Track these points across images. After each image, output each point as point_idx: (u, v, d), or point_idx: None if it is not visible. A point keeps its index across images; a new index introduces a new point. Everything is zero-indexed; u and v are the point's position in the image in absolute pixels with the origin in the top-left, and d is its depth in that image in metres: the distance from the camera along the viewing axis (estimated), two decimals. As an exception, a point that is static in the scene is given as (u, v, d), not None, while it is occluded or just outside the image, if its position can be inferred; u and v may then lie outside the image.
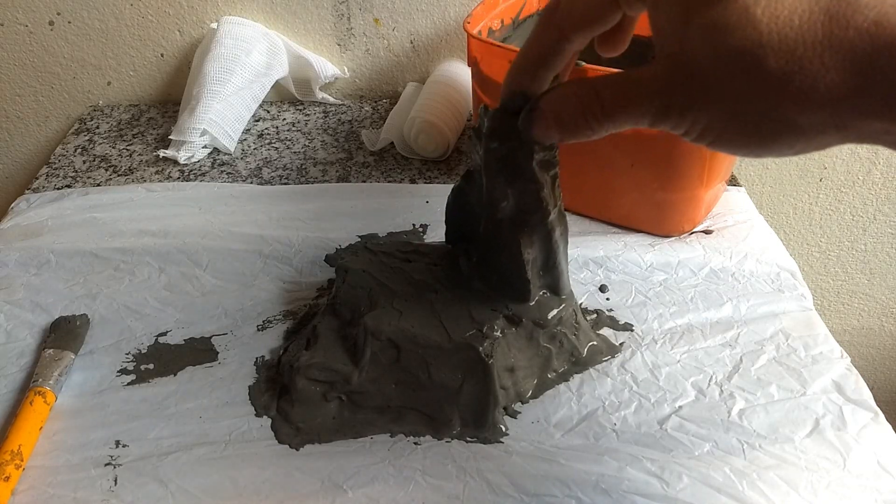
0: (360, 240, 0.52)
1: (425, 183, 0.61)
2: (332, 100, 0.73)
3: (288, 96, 0.75)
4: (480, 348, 0.38)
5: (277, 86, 0.73)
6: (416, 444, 0.38)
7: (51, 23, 0.72)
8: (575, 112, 0.31)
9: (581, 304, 0.44)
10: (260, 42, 0.70)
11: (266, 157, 0.65)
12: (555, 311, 0.41)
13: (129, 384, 0.42)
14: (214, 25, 0.70)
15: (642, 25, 0.65)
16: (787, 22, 0.25)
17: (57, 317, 0.45)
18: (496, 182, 0.38)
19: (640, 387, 0.41)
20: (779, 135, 0.27)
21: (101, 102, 0.77)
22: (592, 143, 0.45)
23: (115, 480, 0.36)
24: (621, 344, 0.44)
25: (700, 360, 0.43)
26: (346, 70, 0.75)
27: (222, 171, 0.63)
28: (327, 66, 0.73)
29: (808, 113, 0.25)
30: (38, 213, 0.56)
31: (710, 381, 0.41)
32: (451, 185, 0.43)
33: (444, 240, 0.44)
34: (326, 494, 0.35)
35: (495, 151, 0.37)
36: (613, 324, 0.46)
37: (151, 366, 0.43)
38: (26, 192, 0.60)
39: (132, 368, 0.43)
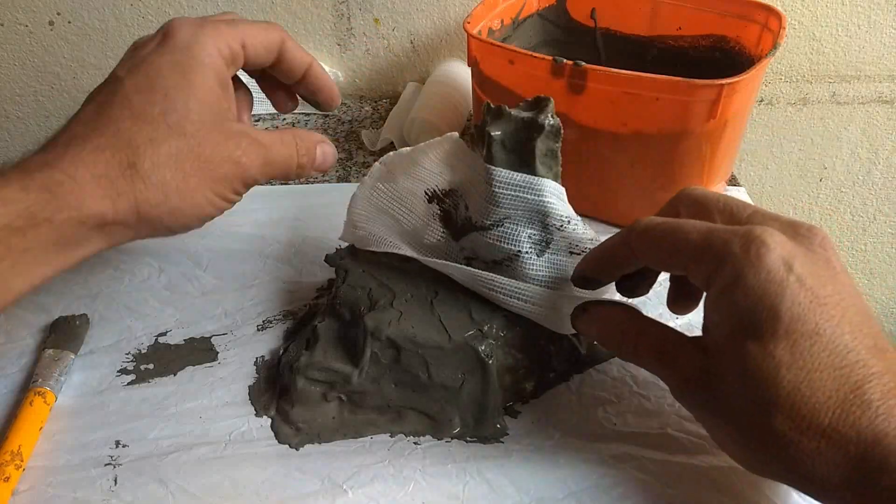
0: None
1: (425, 183, 0.61)
2: None
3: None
4: (480, 348, 0.38)
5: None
6: (416, 443, 0.38)
7: (51, 23, 0.72)
8: (612, 338, 0.35)
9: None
10: None
11: (266, 157, 0.65)
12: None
13: (129, 384, 0.42)
14: None
15: (642, 26, 0.65)
16: (805, 399, 0.27)
17: (57, 317, 0.45)
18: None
19: (640, 387, 0.41)
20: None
21: (101, 102, 0.77)
22: (592, 143, 0.45)
23: (115, 480, 0.36)
24: (621, 344, 0.44)
25: (700, 360, 0.43)
26: (339, 74, 0.75)
27: (222, 171, 0.63)
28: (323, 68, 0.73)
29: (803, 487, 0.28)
30: (38, 213, 0.56)
31: (710, 381, 0.41)
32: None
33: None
34: (326, 494, 0.35)
35: (498, 138, 0.38)
36: (613, 324, 0.46)
37: (151, 366, 0.43)
38: (26, 192, 0.60)
39: (132, 368, 0.43)
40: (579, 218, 0.40)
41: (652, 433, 0.39)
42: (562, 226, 0.39)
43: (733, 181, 0.60)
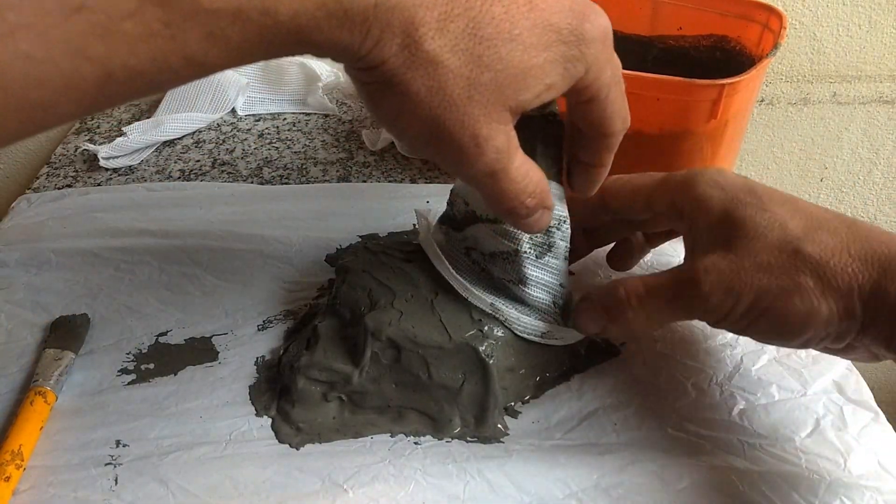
0: (360, 240, 0.52)
1: (426, 183, 0.61)
2: (329, 106, 0.73)
3: (289, 96, 0.75)
4: (481, 348, 0.38)
5: (280, 86, 0.73)
6: (416, 443, 0.38)
7: (51, 22, 0.72)
8: (619, 313, 0.37)
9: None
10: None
11: (266, 157, 0.65)
12: (555, 311, 0.41)
13: (129, 384, 0.42)
14: None
15: (643, 26, 0.65)
16: (822, 233, 0.32)
17: (57, 316, 0.45)
18: None
19: (640, 387, 0.41)
20: (804, 316, 0.32)
21: (101, 102, 0.77)
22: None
23: (116, 480, 0.36)
24: (622, 344, 0.44)
25: (700, 360, 0.43)
26: (339, 74, 0.75)
27: (223, 171, 0.63)
28: (323, 68, 0.73)
29: (828, 299, 0.31)
30: (39, 213, 0.56)
31: (710, 381, 0.41)
32: (452, 185, 0.43)
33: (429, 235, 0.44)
34: (327, 494, 0.35)
35: None
36: (614, 324, 0.46)
37: (152, 365, 0.43)
38: (27, 191, 0.60)
39: (132, 368, 0.43)
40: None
41: (652, 433, 0.39)
42: (559, 224, 0.39)
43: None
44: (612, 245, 0.46)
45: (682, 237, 0.39)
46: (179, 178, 0.62)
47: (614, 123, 0.34)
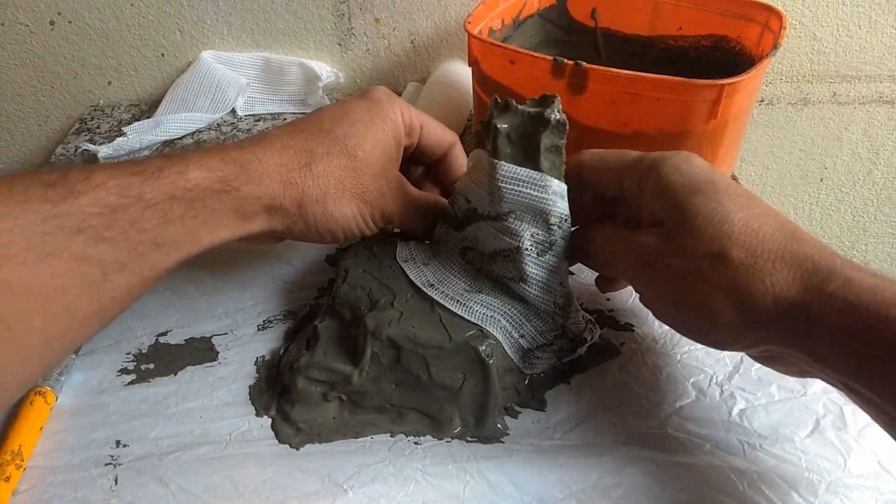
0: (360, 239, 0.52)
1: (426, 183, 0.61)
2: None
3: (289, 97, 0.75)
4: (481, 349, 0.38)
5: (280, 86, 0.74)
6: (416, 443, 0.38)
7: (51, 22, 0.72)
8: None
9: (581, 304, 0.44)
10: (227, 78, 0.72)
11: (266, 157, 0.65)
12: (555, 311, 0.41)
13: (129, 384, 0.42)
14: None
15: (643, 26, 0.65)
16: (755, 231, 0.32)
17: (57, 316, 0.45)
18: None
19: (640, 387, 0.41)
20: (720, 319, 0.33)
21: (101, 102, 0.77)
22: (593, 143, 0.45)
23: (116, 480, 0.36)
24: (622, 344, 0.44)
25: (700, 360, 0.43)
26: (340, 74, 0.75)
27: (223, 171, 0.63)
28: (323, 68, 0.73)
29: (734, 305, 0.32)
30: (39, 213, 0.56)
31: (710, 381, 0.41)
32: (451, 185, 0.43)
33: (436, 238, 0.44)
34: (327, 494, 0.35)
35: (504, 131, 0.38)
36: (614, 324, 0.46)
37: (152, 365, 0.43)
38: (27, 191, 0.60)
39: (132, 368, 0.43)
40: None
41: (652, 433, 0.39)
42: (560, 223, 0.39)
43: (734, 181, 0.60)
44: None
45: None
46: (179, 178, 0.62)
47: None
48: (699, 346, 0.44)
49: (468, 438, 0.39)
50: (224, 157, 0.36)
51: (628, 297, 0.47)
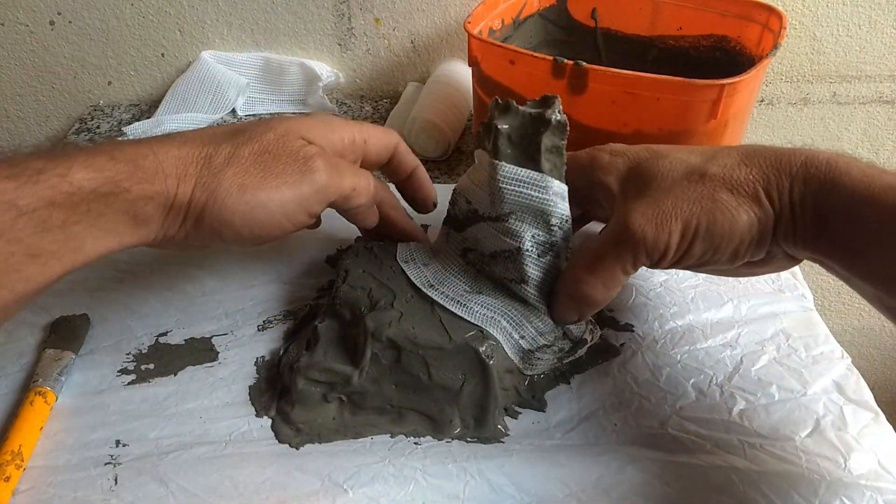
0: (360, 240, 0.52)
1: (426, 183, 0.61)
2: (329, 106, 0.73)
3: (289, 97, 0.75)
4: (481, 349, 0.38)
5: (280, 86, 0.74)
6: (416, 443, 0.38)
7: (51, 22, 0.72)
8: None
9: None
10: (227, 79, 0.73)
11: (266, 157, 0.65)
12: (555, 312, 0.41)
13: (129, 384, 0.42)
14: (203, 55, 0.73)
15: (643, 26, 0.65)
16: (719, 161, 0.36)
17: (57, 316, 0.45)
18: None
19: (640, 387, 0.41)
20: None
21: (101, 102, 0.77)
22: (593, 143, 0.46)
23: (116, 480, 0.36)
24: (622, 345, 0.44)
25: (701, 360, 0.43)
26: (340, 74, 0.75)
27: (223, 171, 0.63)
28: (323, 68, 0.73)
29: (743, 206, 0.34)
30: (39, 213, 0.56)
31: (710, 381, 0.41)
32: (452, 185, 0.43)
33: (439, 239, 0.44)
34: (327, 494, 0.35)
35: (505, 132, 0.38)
36: (614, 325, 0.46)
37: (152, 366, 0.43)
38: (27, 191, 0.60)
39: (132, 368, 0.43)
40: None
41: (652, 433, 0.39)
42: (561, 224, 0.39)
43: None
44: None
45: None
46: (179, 178, 0.62)
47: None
48: (700, 346, 0.44)
49: (468, 439, 0.38)
50: (115, 154, 0.33)
51: (628, 297, 0.47)
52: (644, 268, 0.37)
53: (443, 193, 0.47)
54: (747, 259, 0.36)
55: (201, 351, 0.44)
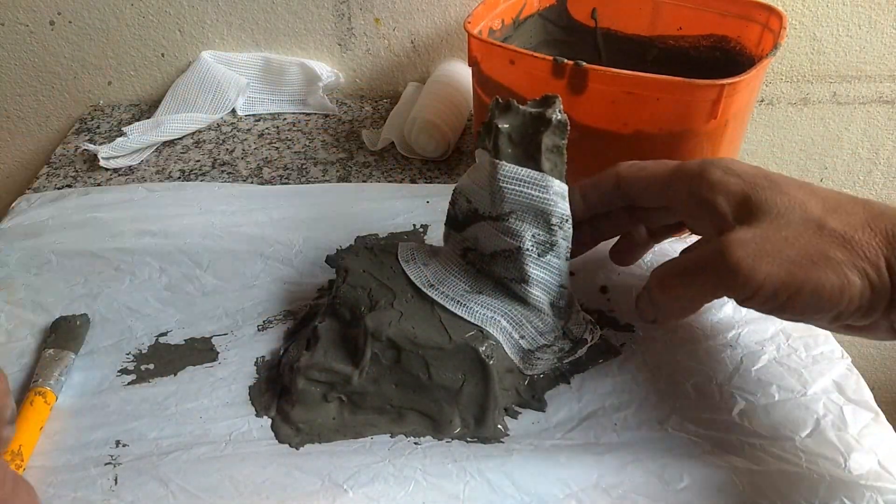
0: (360, 240, 0.52)
1: (426, 183, 0.61)
2: (329, 106, 0.73)
3: (289, 97, 0.75)
4: (481, 349, 0.38)
5: (280, 86, 0.74)
6: (416, 443, 0.38)
7: (51, 22, 0.72)
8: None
9: (582, 304, 0.44)
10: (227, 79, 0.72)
11: (266, 157, 0.65)
12: (555, 312, 0.41)
13: (129, 384, 0.42)
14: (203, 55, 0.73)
15: (643, 26, 0.65)
16: (842, 204, 0.34)
17: (57, 317, 0.45)
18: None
19: (640, 387, 0.41)
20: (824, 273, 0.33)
21: (101, 102, 0.77)
22: (593, 143, 0.46)
23: (116, 480, 0.36)
24: (622, 345, 0.44)
25: (700, 360, 0.43)
26: (340, 74, 0.75)
27: (223, 171, 0.63)
28: (323, 68, 0.73)
29: (859, 271, 0.32)
30: (39, 213, 0.56)
31: (710, 381, 0.41)
32: (452, 185, 0.43)
33: (444, 240, 0.44)
34: (327, 494, 0.35)
35: (506, 131, 0.38)
36: (614, 325, 0.46)
37: (152, 366, 0.43)
38: (27, 191, 0.60)
39: (132, 368, 0.43)
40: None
41: (652, 433, 0.39)
42: (562, 224, 0.39)
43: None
44: (615, 240, 0.46)
45: (683, 236, 0.39)
46: (179, 178, 0.62)
47: None
48: (700, 346, 0.44)
49: (468, 439, 0.38)
50: None
51: (629, 297, 0.47)
52: (644, 267, 0.37)
53: (442, 193, 0.47)
54: (848, 323, 0.34)
55: (201, 351, 0.44)
